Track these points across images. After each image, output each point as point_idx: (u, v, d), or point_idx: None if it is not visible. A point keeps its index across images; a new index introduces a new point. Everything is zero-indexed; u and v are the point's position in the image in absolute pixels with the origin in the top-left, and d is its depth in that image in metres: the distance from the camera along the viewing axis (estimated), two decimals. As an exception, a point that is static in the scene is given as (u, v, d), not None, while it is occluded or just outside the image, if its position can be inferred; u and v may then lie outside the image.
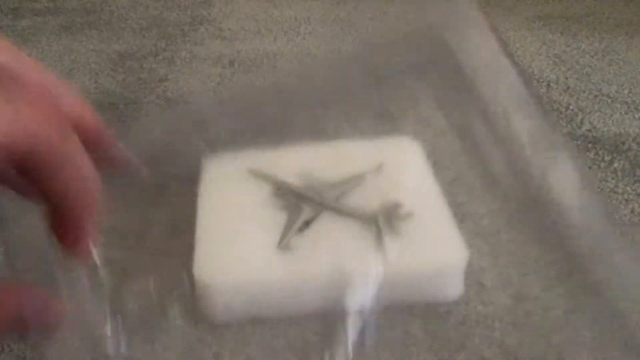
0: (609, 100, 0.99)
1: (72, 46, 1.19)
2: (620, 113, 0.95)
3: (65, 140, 0.35)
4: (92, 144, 0.42)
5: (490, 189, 0.81)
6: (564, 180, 0.81)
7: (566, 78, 1.06)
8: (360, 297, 0.62)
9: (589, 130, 0.90)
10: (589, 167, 0.83)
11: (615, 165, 0.83)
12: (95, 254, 0.45)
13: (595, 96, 1.00)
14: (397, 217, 0.64)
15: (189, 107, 0.97)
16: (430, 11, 0.71)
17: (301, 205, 0.68)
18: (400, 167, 0.75)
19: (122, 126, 0.93)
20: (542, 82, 1.04)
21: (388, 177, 0.73)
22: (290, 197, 0.69)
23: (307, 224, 0.66)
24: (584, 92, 1.01)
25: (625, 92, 1.01)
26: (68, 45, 1.19)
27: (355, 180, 0.72)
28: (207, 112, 0.75)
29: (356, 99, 0.97)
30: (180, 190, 0.81)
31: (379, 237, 0.63)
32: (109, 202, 0.78)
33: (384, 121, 0.93)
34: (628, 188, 0.79)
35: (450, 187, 0.83)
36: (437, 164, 0.87)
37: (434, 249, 0.62)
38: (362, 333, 0.61)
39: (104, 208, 0.41)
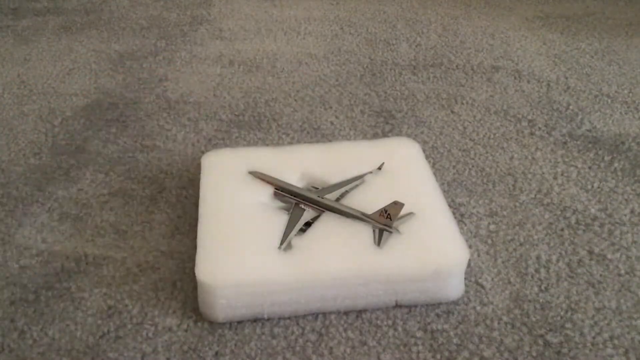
0: (609, 100, 0.99)
1: (72, 46, 1.19)
2: (620, 113, 0.95)
3: None
4: None
5: (490, 189, 0.82)
6: (564, 180, 0.81)
7: (566, 78, 1.06)
8: (361, 297, 0.63)
9: (589, 130, 0.90)
10: (589, 167, 0.83)
11: (615, 165, 0.83)
12: None
13: (595, 96, 1.00)
14: (397, 217, 0.65)
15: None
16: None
17: (302, 206, 0.68)
18: (400, 167, 0.75)
19: (122, 126, 0.93)
20: (542, 82, 1.04)
21: (388, 177, 0.74)
22: (291, 198, 0.69)
23: (308, 224, 0.66)
24: (584, 92, 1.01)
25: (625, 92, 1.01)
26: (68, 45, 1.19)
27: (355, 181, 0.72)
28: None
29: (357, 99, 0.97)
30: (180, 191, 0.81)
31: (379, 238, 0.63)
32: (111, 202, 0.78)
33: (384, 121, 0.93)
34: (628, 188, 0.79)
35: (450, 187, 0.83)
36: (437, 164, 0.88)
37: (435, 249, 0.63)
38: (362, 331, 0.61)
39: None
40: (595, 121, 0.94)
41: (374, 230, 0.64)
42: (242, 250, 0.62)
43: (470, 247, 0.70)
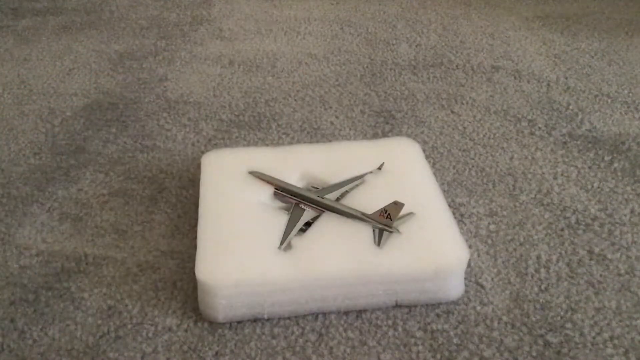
0: (609, 100, 0.99)
1: (72, 46, 1.19)
2: (620, 113, 0.95)
3: None
4: None
5: (490, 189, 0.82)
6: (564, 180, 0.81)
7: (566, 78, 1.06)
8: (361, 297, 0.63)
9: (589, 130, 0.90)
10: (589, 167, 0.83)
11: (615, 165, 0.83)
12: None
13: (595, 96, 1.00)
14: (397, 217, 0.65)
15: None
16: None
17: (302, 206, 0.68)
18: (400, 167, 0.75)
19: (122, 126, 0.93)
20: (542, 82, 1.04)
21: (388, 177, 0.74)
22: (291, 198, 0.69)
23: (308, 224, 0.66)
24: (584, 92, 1.01)
25: (625, 92, 1.01)
26: (68, 45, 1.19)
27: (355, 181, 0.72)
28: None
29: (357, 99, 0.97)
30: (180, 191, 0.81)
31: (379, 238, 0.63)
32: (111, 202, 0.78)
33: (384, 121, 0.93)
34: (628, 188, 0.79)
35: (450, 187, 0.83)
36: (437, 164, 0.88)
37: (435, 249, 0.63)
38: (362, 331, 0.61)
39: None
40: (595, 121, 0.94)
41: (374, 230, 0.64)
42: (242, 250, 0.62)
43: (470, 247, 0.70)
